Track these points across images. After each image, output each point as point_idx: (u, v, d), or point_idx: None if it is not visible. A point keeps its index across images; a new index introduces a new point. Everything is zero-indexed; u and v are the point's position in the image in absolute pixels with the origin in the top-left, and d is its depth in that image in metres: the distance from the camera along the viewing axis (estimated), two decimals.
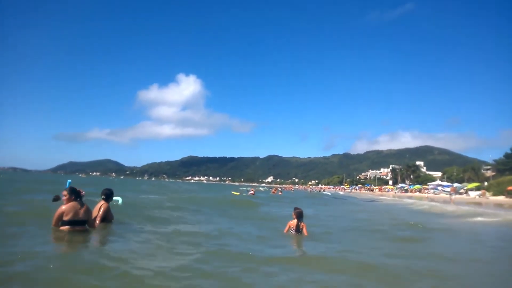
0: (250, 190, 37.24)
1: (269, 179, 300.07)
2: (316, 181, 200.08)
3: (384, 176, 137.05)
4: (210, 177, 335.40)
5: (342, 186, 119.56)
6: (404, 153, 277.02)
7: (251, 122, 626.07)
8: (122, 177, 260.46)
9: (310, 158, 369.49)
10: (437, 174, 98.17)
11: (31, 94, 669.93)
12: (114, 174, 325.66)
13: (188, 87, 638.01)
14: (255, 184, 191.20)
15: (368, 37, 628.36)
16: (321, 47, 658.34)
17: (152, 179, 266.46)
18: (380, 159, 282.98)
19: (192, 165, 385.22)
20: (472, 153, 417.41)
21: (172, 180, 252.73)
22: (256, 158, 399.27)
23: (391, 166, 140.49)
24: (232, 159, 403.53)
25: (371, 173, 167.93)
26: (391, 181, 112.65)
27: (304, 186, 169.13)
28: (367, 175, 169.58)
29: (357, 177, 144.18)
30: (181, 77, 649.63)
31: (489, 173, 70.54)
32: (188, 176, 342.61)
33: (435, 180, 77.48)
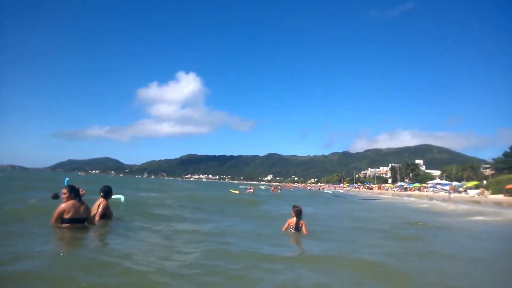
0: (248, 188, 37.21)
1: (269, 177, 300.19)
2: (316, 180, 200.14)
3: (384, 175, 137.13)
4: (210, 175, 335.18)
5: (341, 185, 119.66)
6: (403, 152, 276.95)
7: (250, 120, 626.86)
8: (121, 175, 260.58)
9: (309, 156, 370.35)
10: (436, 173, 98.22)
11: (30, 91, 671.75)
12: (113, 172, 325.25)
13: (188, 85, 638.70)
14: (255, 182, 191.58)
15: (368, 36, 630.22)
16: (321, 45, 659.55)
17: (152, 177, 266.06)
18: (380, 157, 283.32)
19: (192, 163, 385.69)
20: (471, 151, 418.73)
21: (171, 178, 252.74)
22: (255, 156, 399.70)
23: (390, 164, 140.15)
24: (231, 157, 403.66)
25: (370, 172, 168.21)
26: (390, 180, 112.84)
27: (303, 184, 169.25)
28: (366, 173, 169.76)
29: (357, 176, 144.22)
30: (181, 75, 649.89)
31: (488, 171, 70.69)
32: (187, 174, 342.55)
33: (434, 179, 77.44)
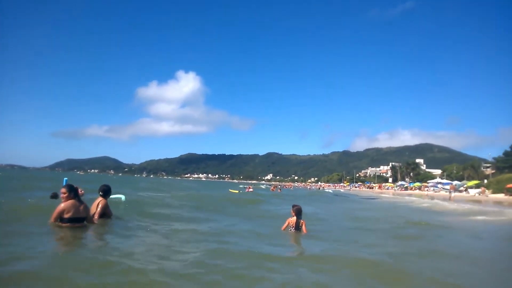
0: (247, 187, 37.03)
1: (269, 176, 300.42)
2: (316, 179, 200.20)
3: (384, 174, 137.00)
4: (209, 175, 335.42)
5: (341, 184, 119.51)
6: (403, 151, 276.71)
7: (250, 119, 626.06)
8: (120, 175, 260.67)
9: (309, 155, 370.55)
10: (436, 172, 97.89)
11: (29, 91, 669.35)
12: (112, 172, 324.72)
13: (187, 84, 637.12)
14: (255, 181, 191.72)
15: (368, 35, 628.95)
16: (321, 44, 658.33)
17: (151, 176, 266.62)
18: (380, 156, 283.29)
19: (191, 163, 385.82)
20: (472, 151, 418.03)
21: (170, 177, 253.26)
22: (255, 156, 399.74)
23: (390, 163, 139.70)
24: (231, 156, 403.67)
25: (370, 171, 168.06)
26: (390, 179, 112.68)
27: (303, 183, 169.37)
28: (366, 172, 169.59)
29: (357, 175, 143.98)
30: (181, 74, 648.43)
31: (488, 171, 70.50)
32: (187, 173, 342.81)
33: (434, 178, 77.29)
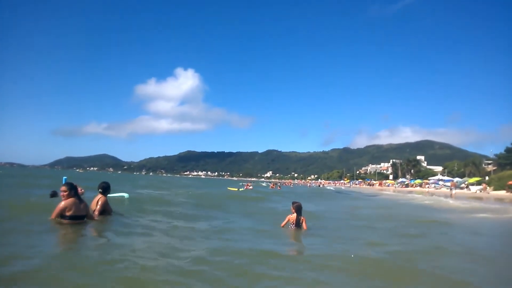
0: (246, 185, 36.75)
1: (268, 174, 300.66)
2: (316, 176, 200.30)
3: (385, 171, 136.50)
4: (209, 172, 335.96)
5: (342, 181, 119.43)
6: (404, 148, 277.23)
7: (249, 116, 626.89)
8: (119, 172, 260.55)
9: (309, 152, 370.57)
10: (438, 169, 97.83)
11: (28, 89, 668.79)
12: (111, 169, 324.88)
13: (186, 81, 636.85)
14: (254, 179, 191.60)
15: (368, 32, 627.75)
16: (321, 41, 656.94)
17: (150, 174, 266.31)
18: (381, 153, 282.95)
19: (190, 160, 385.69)
20: (473, 147, 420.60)
21: (170, 175, 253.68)
22: (255, 153, 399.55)
23: (391, 160, 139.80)
24: (230, 154, 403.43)
25: (371, 168, 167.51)
26: (391, 176, 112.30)
27: (303, 181, 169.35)
28: (367, 169, 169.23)
29: (357, 172, 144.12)
30: (179, 71, 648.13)
31: (490, 167, 70.38)
32: (186, 171, 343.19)
33: (436, 175, 77.20)
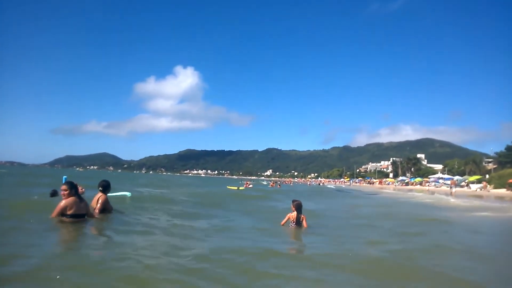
0: (245, 183, 36.66)
1: (268, 172, 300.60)
2: (316, 174, 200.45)
3: (385, 169, 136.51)
4: (209, 171, 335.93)
5: (342, 179, 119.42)
6: (404, 146, 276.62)
7: (249, 115, 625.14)
8: (119, 171, 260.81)
9: (309, 151, 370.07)
10: (438, 167, 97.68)
11: (27, 88, 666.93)
12: (111, 168, 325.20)
13: (185, 79, 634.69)
14: (254, 177, 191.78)
15: (368, 30, 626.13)
16: (321, 40, 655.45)
17: (150, 172, 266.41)
18: (381, 151, 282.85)
19: (190, 159, 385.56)
20: (474, 145, 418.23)
21: (170, 173, 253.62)
22: (254, 151, 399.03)
23: (391, 158, 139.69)
24: (230, 152, 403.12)
25: (371, 166, 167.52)
26: (391, 174, 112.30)
27: (303, 179, 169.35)
28: (367, 168, 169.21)
29: (357, 170, 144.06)
30: (179, 69, 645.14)
31: (490, 165, 70.35)
32: (186, 169, 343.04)
33: (436, 173, 76.96)
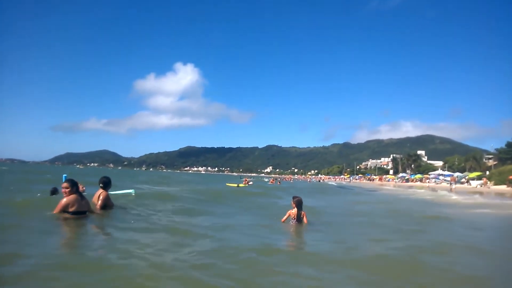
0: (244, 180, 36.57)
1: (268, 169, 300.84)
2: (316, 171, 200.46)
3: (385, 166, 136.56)
4: (209, 168, 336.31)
5: (342, 176, 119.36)
6: (405, 142, 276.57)
7: (249, 111, 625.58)
8: (119, 168, 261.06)
9: (309, 148, 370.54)
10: (438, 164, 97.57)
11: (27, 85, 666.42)
12: (111, 165, 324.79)
13: (185, 76, 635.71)
14: (254, 174, 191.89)
15: (368, 27, 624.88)
16: (321, 36, 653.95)
17: (150, 169, 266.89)
18: (381, 148, 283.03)
19: (190, 156, 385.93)
20: (474, 142, 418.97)
21: (170, 170, 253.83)
22: (255, 148, 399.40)
23: (391, 155, 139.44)
24: (230, 149, 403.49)
25: (371, 163, 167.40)
26: (391, 171, 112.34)
27: (303, 176, 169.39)
28: (367, 164, 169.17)
29: (357, 167, 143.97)
30: (179, 66, 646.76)
31: (490, 162, 70.27)
32: (186, 166, 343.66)
33: (436, 170, 76.86)
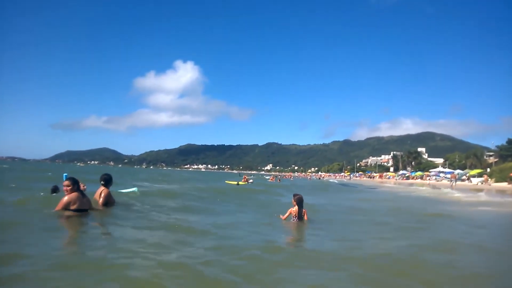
0: (243, 178, 36.44)
1: (268, 166, 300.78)
2: (316, 169, 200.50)
3: (385, 163, 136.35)
4: (209, 165, 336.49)
5: (342, 173, 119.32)
6: (405, 140, 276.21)
7: (249, 109, 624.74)
8: (120, 166, 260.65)
9: (309, 145, 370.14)
10: (439, 161, 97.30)
11: (27, 83, 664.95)
12: (112, 163, 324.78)
13: (185, 74, 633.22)
14: (254, 172, 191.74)
15: (368, 24, 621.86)
16: (321, 33, 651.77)
17: (150, 167, 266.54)
18: (381, 145, 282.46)
19: (191, 153, 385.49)
20: (475, 139, 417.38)
21: (170, 168, 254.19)
22: (255, 146, 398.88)
23: (392, 152, 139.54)
24: (230, 147, 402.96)
25: (372, 160, 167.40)
26: (392, 168, 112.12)
27: (303, 173, 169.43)
28: (367, 162, 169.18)
29: (358, 164, 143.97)
30: (179, 64, 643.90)
31: (491, 159, 70.08)
32: (186, 164, 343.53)
33: (437, 167, 76.69)
